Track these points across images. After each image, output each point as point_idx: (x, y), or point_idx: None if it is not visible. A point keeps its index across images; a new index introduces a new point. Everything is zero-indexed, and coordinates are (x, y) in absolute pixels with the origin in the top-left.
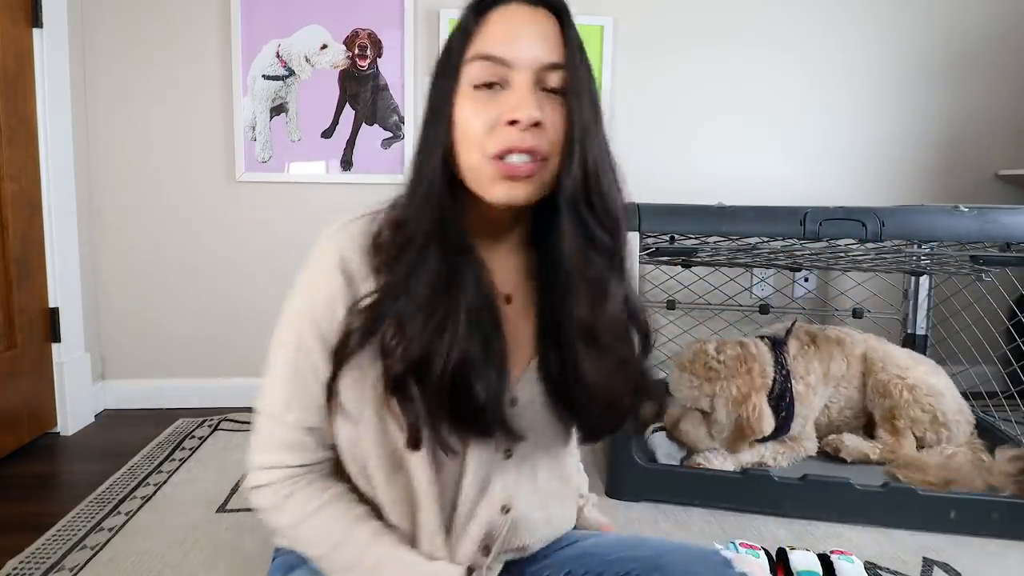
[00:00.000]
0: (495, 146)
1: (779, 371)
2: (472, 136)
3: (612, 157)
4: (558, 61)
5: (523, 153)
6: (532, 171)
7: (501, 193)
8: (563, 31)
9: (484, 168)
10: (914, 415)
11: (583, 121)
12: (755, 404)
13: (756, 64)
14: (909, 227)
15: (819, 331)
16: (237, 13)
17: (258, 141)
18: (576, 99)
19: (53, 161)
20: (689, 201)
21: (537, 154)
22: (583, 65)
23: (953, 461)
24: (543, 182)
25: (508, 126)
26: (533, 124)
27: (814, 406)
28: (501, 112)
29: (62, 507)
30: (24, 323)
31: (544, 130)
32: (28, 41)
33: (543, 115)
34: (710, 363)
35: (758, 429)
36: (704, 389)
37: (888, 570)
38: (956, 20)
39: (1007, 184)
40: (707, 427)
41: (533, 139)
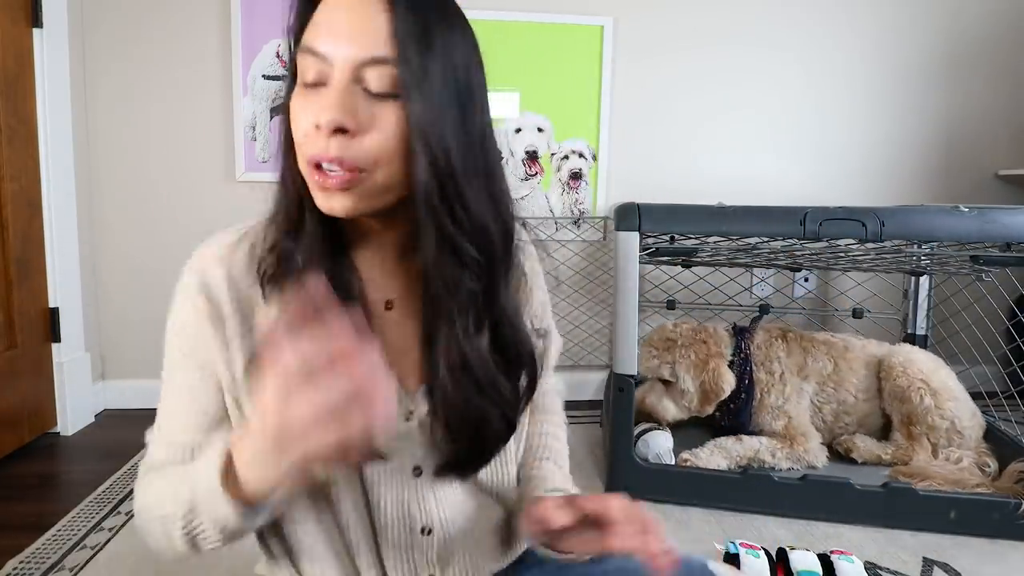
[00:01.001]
0: (307, 153)
1: (737, 354)
2: (297, 140)
3: (486, 159)
4: (380, 55)
5: (330, 162)
6: (344, 182)
7: (322, 203)
8: (393, 20)
9: (308, 176)
10: (932, 422)
11: (424, 121)
12: (714, 367)
13: (756, 64)
14: (909, 227)
15: (799, 331)
16: (237, 13)
17: (258, 141)
18: (416, 96)
19: (53, 161)
20: (689, 201)
21: (346, 164)
22: (428, 56)
23: (961, 473)
24: (367, 193)
25: (316, 130)
26: (337, 130)
27: (790, 399)
28: (311, 116)
29: (62, 507)
30: (24, 323)
31: (358, 138)
32: (28, 41)
33: (357, 120)
34: (667, 335)
35: (719, 389)
36: (664, 358)
37: (888, 570)
38: (955, 20)
39: (1007, 184)
40: (670, 396)
41: (339, 148)
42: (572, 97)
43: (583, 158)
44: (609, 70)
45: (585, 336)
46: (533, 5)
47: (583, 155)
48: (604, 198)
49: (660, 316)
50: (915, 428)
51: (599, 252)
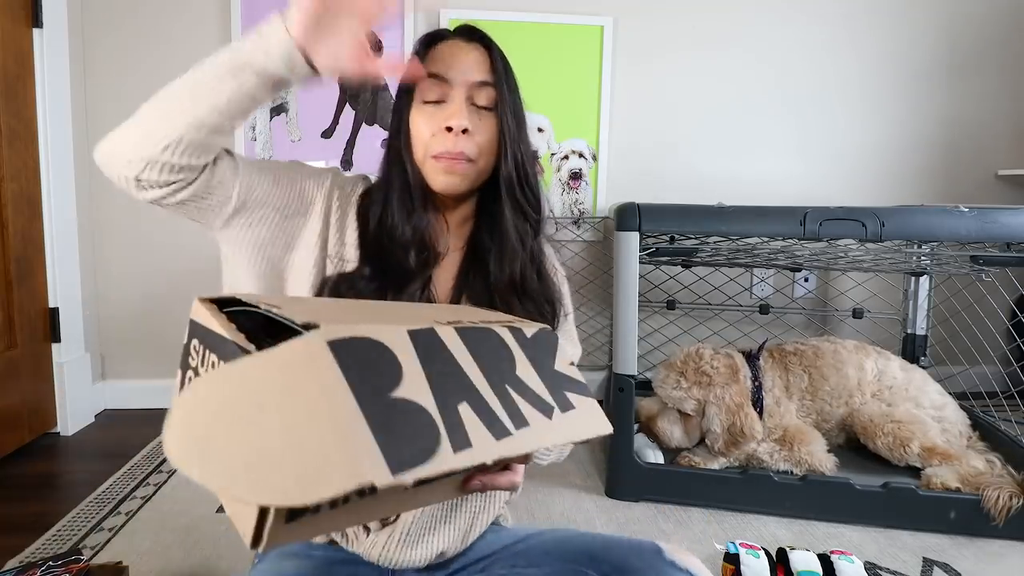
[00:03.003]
0: (434, 149)
1: (754, 383)
2: (420, 140)
3: (532, 156)
4: (486, 79)
5: (457, 154)
6: (463, 168)
7: (441, 183)
8: (491, 59)
9: (427, 166)
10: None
11: (510, 129)
12: (747, 412)
13: (756, 64)
14: (909, 227)
15: (782, 347)
16: (237, 13)
17: (258, 141)
18: (505, 111)
19: (53, 161)
20: (689, 201)
21: (465, 155)
22: (508, 85)
23: (981, 478)
24: (473, 177)
25: (445, 132)
26: (462, 131)
27: (784, 416)
28: (441, 121)
29: (62, 507)
30: (24, 323)
31: (472, 136)
32: (28, 41)
33: (472, 125)
34: (703, 368)
35: (750, 435)
36: (693, 393)
37: (888, 570)
38: (956, 21)
39: (1007, 184)
40: (683, 427)
41: (463, 144)
42: (572, 97)
43: (583, 158)
44: (609, 70)
45: (585, 336)
46: (533, 5)
47: (583, 155)
48: (604, 198)
49: (660, 316)
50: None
51: (599, 252)
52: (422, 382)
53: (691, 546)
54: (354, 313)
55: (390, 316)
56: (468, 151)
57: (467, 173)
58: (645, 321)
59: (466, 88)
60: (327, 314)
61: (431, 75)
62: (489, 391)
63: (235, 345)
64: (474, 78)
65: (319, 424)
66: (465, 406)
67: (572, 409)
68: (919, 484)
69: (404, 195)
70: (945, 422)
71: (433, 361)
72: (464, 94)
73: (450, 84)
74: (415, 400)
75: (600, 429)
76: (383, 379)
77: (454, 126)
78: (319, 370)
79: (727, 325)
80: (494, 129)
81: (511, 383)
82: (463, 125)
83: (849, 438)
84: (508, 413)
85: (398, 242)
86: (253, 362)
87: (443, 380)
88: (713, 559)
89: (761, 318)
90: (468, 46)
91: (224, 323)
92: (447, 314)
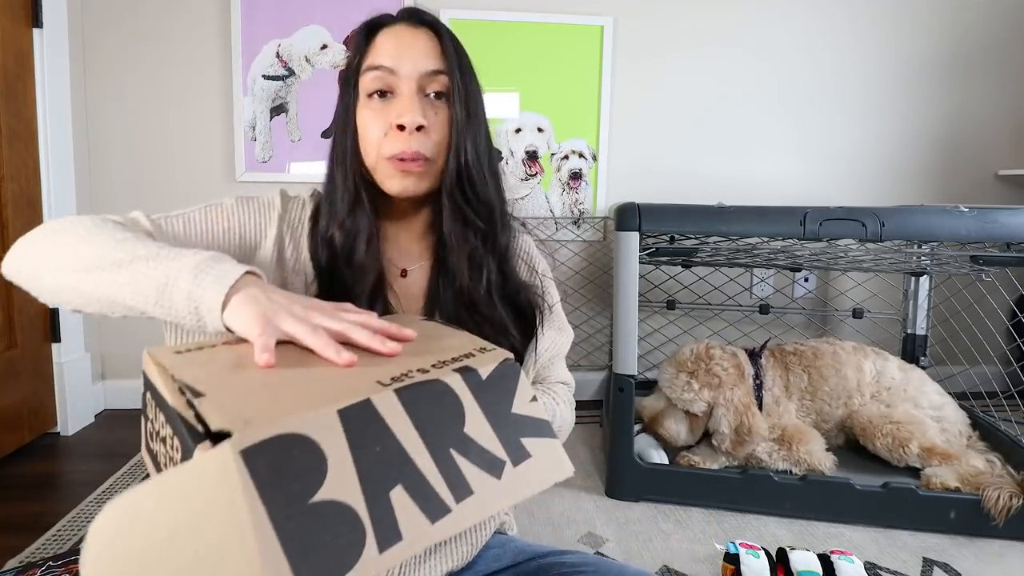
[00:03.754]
0: (387, 150)
1: (755, 380)
2: (371, 141)
3: (489, 153)
4: (438, 68)
5: (413, 155)
6: (420, 168)
7: (398, 187)
8: (442, 45)
9: (381, 168)
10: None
11: (458, 123)
12: (754, 412)
13: (756, 64)
14: (909, 227)
15: (782, 347)
16: (237, 13)
17: (258, 141)
18: (458, 101)
19: (53, 161)
20: (689, 201)
21: (422, 155)
22: (461, 73)
23: (981, 478)
24: (432, 177)
25: (397, 131)
26: (417, 128)
27: (783, 416)
28: (391, 118)
29: (62, 507)
30: (24, 323)
31: (428, 133)
32: (28, 41)
33: (428, 120)
34: (714, 369)
35: (756, 435)
36: (703, 395)
37: (888, 570)
38: (956, 21)
39: (1007, 184)
40: (688, 426)
41: (418, 143)
42: (572, 97)
43: (583, 158)
44: (609, 70)
45: (585, 336)
46: (533, 5)
47: (583, 155)
48: (604, 198)
49: (660, 316)
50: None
51: (599, 252)
52: (349, 474)
53: (691, 546)
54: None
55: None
56: (425, 150)
57: (425, 173)
58: (645, 321)
59: (416, 79)
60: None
61: (376, 68)
62: (429, 462)
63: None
64: (424, 67)
65: (231, 550)
66: (399, 490)
67: (527, 459)
68: (919, 484)
69: (354, 205)
70: (944, 422)
71: (365, 443)
72: (414, 85)
73: (397, 75)
74: (338, 500)
75: (558, 474)
76: (303, 483)
77: (407, 123)
78: (230, 488)
79: (727, 325)
80: (446, 123)
81: (456, 444)
82: (417, 122)
83: (848, 439)
84: (449, 484)
85: (350, 266)
86: (167, 481)
87: (374, 465)
88: (713, 559)
89: (761, 318)
90: (415, 31)
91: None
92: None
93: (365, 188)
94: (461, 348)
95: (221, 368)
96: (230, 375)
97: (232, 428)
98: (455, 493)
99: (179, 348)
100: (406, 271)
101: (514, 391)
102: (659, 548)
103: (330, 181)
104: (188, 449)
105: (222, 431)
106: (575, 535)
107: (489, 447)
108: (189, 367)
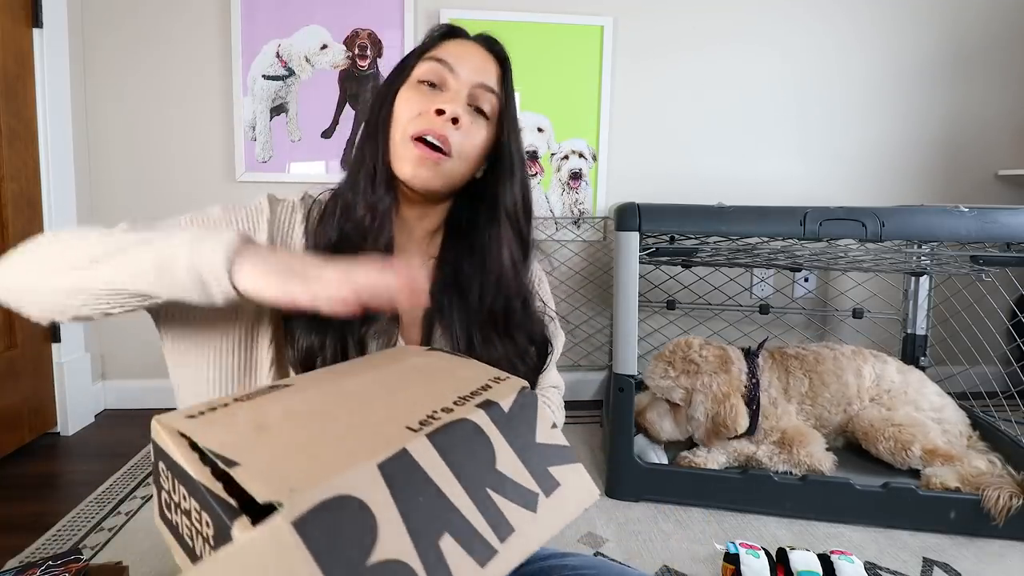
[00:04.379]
0: (415, 128)
1: (751, 379)
2: (401, 118)
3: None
4: (494, 87)
5: (437, 138)
6: (438, 158)
7: (408, 172)
8: (503, 71)
9: (401, 147)
10: (910, 458)
11: (517, 151)
12: (733, 404)
13: (756, 64)
14: (909, 227)
15: (783, 350)
16: (237, 13)
17: (258, 141)
18: (509, 128)
19: (53, 161)
20: (689, 201)
21: (447, 145)
22: (512, 108)
23: (982, 478)
24: (444, 176)
25: (434, 114)
26: (453, 119)
27: (782, 419)
28: (432, 104)
29: (62, 507)
30: (24, 323)
31: (460, 131)
32: (28, 41)
33: (464, 120)
34: (691, 356)
35: (733, 427)
36: (681, 382)
37: (888, 570)
38: (956, 20)
39: (1007, 184)
40: (672, 418)
41: (449, 131)
42: (572, 97)
43: (583, 158)
44: (609, 70)
45: (585, 336)
46: (533, 5)
47: (583, 155)
48: (604, 198)
49: (660, 316)
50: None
51: (599, 252)
52: (399, 530)
53: (691, 546)
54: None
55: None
56: (452, 140)
57: (440, 169)
58: (645, 321)
59: (470, 85)
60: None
61: (437, 60)
62: (470, 506)
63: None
64: (482, 79)
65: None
66: (446, 539)
67: (558, 488)
68: (919, 484)
69: (370, 176)
70: (945, 423)
71: (408, 494)
72: (466, 90)
73: (454, 74)
74: (393, 558)
75: (587, 499)
76: (358, 546)
77: (447, 110)
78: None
79: (727, 325)
80: (483, 139)
81: (492, 483)
82: (456, 112)
83: (847, 441)
84: (492, 525)
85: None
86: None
87: (420, 516)
88: (713, 559)
89: (761, 318)
90: (484, 51)
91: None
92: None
93: (384, 164)
94: (476, 379)
95: (245, 430)
96: (257, 437)
97: (279, 499)
98: (498, 533)
99: (190, 412)
100: None
101: (535, 420)
102: (659, 548)
103: (357, 158)
104: (223, 525)
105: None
106: (575, 535)
107: (521, 481)
108: (210, 432)
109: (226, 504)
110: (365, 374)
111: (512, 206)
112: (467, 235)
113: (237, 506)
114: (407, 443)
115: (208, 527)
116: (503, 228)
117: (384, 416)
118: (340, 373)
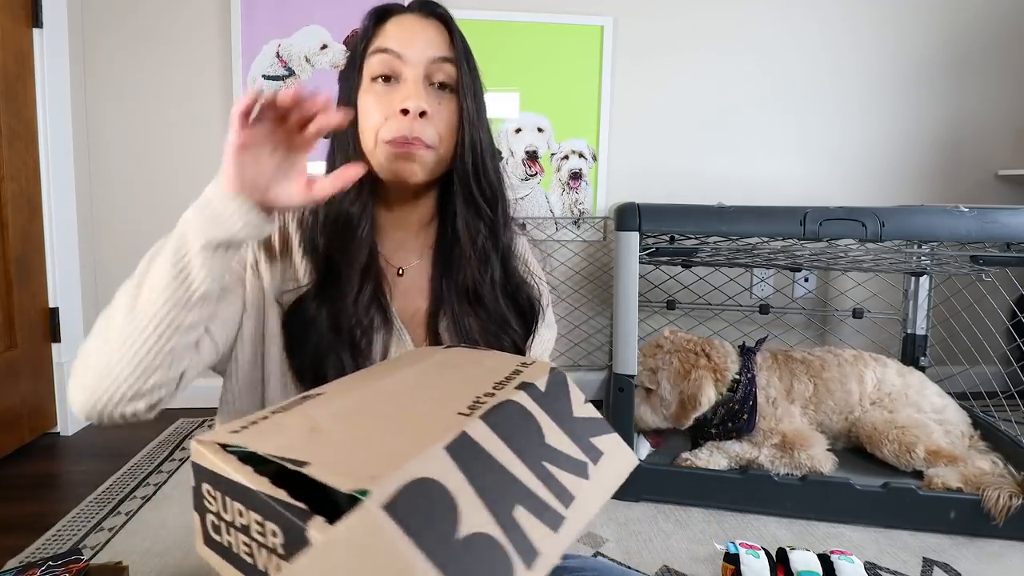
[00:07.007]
0: (388, 134)
1: (744, 374)
2: (371, 125)
3: (493, 146)
4: (446, 55)
5: (413, 140)
6: (420, 154)
7: (394, 170)
8: (451, 36)
9: (380, 151)
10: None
11: (470, 115)
12: (696, 377)
13: (756, 64)
14: (909, 227)
15: (788, 352)
16: (237, 13)
17: None
18: (464, 94)
19: (53, 161)
20: (689, 201)
21: (422, 141)
22: (469, 65)
23: (983, 478)
24: (431, 166)
25: (400, 115)
26: (420, 113)
27: (782, 420)
28: (394, 103)
29: (62, 507)
30: (24, 323)
31: (431, 120)
32: (28, 41)
33: (431, 108)
34: (658, 341)
35: (697, 401)
36: (646, 364)
37: (888, 570)
38: (956, 20)
39: (1007, 184)
40: (648, 403)
41: (419, 129)
42: (572, 97)
43: (583, 158)
44: (609, 70)
45: (585, 336)
46: (533, 5)
47: (583, 155)
48: (604, 198)
49: (660, 316)
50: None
51: (599, 252)
52: (477, 505)
53: (691, 546)
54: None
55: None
56: (426, 137)
57: (424, 160)
58: (645, 321)
59: (423, 65)
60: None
61: (383, 51)
62: (533, 479)
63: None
64: (432, 53)
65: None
66: (519, 510)
67: (602, 456)
68: (919, 484)
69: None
70: (947, 424)
71: (477, 472)
72: (421, 72)
73: (404, 60)
74: (478, 531)
75: (629, 464)
76: (445, 523)
77: (411, 108)
78: (385, 545)
79: (727, 325)
80: (453, 111)
81: (547, 457)
82: (420, 107)
83: (847, 445)
84: (555, 494)
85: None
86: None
87: (492, 491)
88: (713, 559)
89: (761, 318)
90: (426, 21)
91: (240, 468)
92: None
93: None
94: (506, 366)
95: (299, 434)
96: (315, 438)
97: (365, 486)
98: (562, 501)
99: (231, 427)
100: (402, 270)
101: (569, 396)
102: (659, 548)
103: (330, 169)
104: (296, 529)
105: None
106: None
107: (571, 452)
108: (264, 440)
109: (296, 508)
110: (395, 374)
111: (463, 170)
112: (450, 215)
113: (308, 508)
114: (465, 427)
115: (276, 536)
116: (456, 196)
117: (432, 407)
118: (368, 378)
